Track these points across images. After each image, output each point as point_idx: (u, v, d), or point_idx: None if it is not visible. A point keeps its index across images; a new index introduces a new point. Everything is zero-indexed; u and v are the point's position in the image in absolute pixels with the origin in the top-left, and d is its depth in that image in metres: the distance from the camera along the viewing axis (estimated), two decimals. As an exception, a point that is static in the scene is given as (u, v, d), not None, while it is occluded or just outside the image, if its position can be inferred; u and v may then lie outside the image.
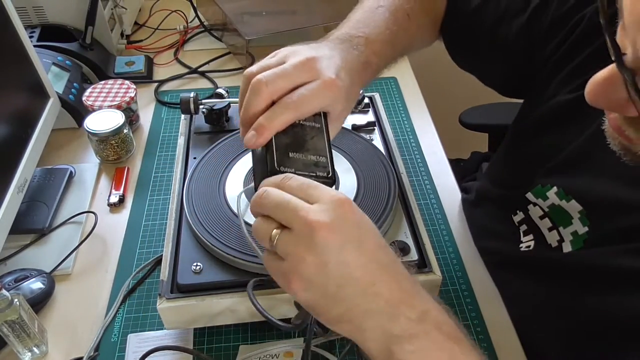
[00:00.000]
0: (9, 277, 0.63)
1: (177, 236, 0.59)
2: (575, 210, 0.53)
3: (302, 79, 0.46)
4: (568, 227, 0.54)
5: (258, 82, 0.45)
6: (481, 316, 0.61)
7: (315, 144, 0.47)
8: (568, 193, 0.54)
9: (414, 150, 0.84)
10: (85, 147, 0.85)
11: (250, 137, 0.45)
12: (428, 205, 0.75)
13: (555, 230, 0.55)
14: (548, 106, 0.58)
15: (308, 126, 0.47)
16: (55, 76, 0.86)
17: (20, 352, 0.56)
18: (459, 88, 1.36)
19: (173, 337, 0.59)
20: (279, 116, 0.45)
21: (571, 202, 0.54)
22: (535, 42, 0.60)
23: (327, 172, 0.46)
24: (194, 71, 1.02)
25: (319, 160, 0.46)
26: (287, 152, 0.45)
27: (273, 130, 0.45)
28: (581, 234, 0.52)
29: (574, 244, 0.53)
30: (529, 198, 0.59)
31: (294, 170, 0.44)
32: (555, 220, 0.56)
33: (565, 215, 0.54)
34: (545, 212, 0.57)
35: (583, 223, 0.52)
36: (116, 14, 1.05)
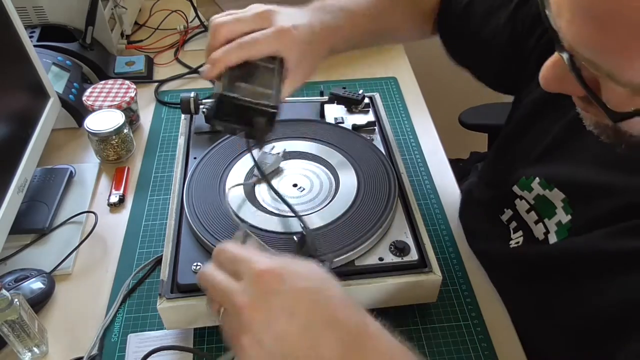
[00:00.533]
0: (9, 277, 0.63)
1: (177, 236, 0.59)
2: (558, 199, 0.54)
3: (258, 25, 0.52)
4: (552, 217, 0.54)
5: (218, 23, 0.52)
6: (481, 316, 0.61)
7: (266, 79, 0.50)
8: (550, 182, 0.55)
9: (414, 150, 0.85)
10: (86, 147, 0.85)
11: (205, 68, 0.51)
12: (428, 205, 0.75)
13: (541, 223, 0.56)
14: (531, 100, 0.60)
15: (262, 66, 0.51)
16: (56, 76, 0.86)
17: (20, 352, 0.56)
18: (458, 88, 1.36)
19: (173, 337, 0.59)
20: (231, 52, 0.50)
21: (554, 191, 0.54)
22: (519, 38, 0.61)
23: (270, 101, 0.49)
24: (194, 71, 1.02)
25: (265, 92, 0.49)
26: (236, 81, 0.49)
27: (223, 63, 0.50)
28: (565, 223, 0.53)
29: (558, 234, 0.53)
30: (515, 191, 0.60)
31: (238, 96, 0.48)
32: (541, 212, 0.56)
33: (549, 206, 0.55)
34: (531, 204, 0.58)
35: (566, 212, 0.53)
36: (116, 14, 1.05)
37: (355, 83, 0.99)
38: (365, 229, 0.57)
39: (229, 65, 0.50)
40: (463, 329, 0.60)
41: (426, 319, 0.61)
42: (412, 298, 0.59)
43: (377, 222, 0.58)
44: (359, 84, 0.99)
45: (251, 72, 0.50)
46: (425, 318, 0.61)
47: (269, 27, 0.52)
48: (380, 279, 0.55)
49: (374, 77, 1.01)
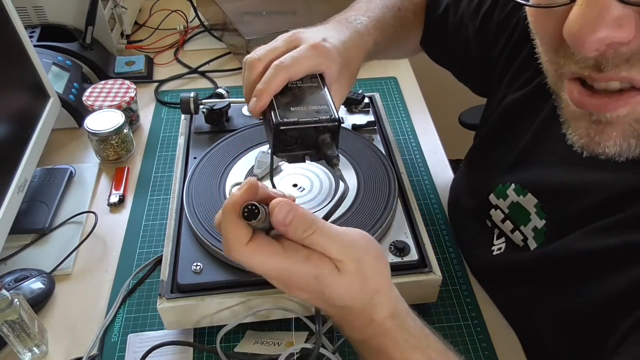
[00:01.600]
0: (9, 277, 0.63)
1: (177, 236, 0.59)
2: (531, 205, 0.54)
3: (290, 48, 0.51)
4: (528, 224, 0.54)
5: (251, 58, 0.51)
6: (481, 316, 0.61)
7: (315, 97, 0.49)
8: (524, 187, 0.55)
9: (414, 150, 0.85)
10: (86, 147, 0.85)
11: (252, 103, 0.49)
12: (428, 205, 0.75)
13: (518, 231, 0.56)
14: (501, 107, 0.61)
15: (306, 87, 0.51)
16: (56, 76, 0.86)
17: (20, 352, 0.56)
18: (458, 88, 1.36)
19: (173, 337, 0.59)
20: (273, 77, 0.48)
21: (527, 197, 0.54)
22: (488, 45, 0.63)
23: (329, 115, 0.47)
24: (194, 71, 1.02)
25: (320, 108, 0.48)
26: (289, 107, 0.48)
27: (270, 91, 0.48)
28: (540, 228, 0.53)
29: (536, 239, 0.54)
30: (491, 201, 0.60)
31: (297, 119, 0.46)
32: (515, 220, 0.57)
33: (523, 213, 0.55)
34: (506, 213, 0.58)
35: (540, 217, 0.53)
36: (116, 13, 1.05)
37: (355, 83, 0.99)
38: (365, 229, 0.57)
39: (275, 91, 0.48)
40: (463, 329, 0.60)
41: (426, 319, 0.60)
42: (412, 298, 0.58)
43: (377, 222, 0.58)
44: (358, 84, 0.99)
45: (297, 95, 0.49)
46: (425, 318, 0.60)
47: (299, 46, 0.52)
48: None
49: (374, 76, 1.01)
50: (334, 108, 0.48)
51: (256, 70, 0.50)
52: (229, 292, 0.54)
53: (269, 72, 0.49)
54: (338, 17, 0.62)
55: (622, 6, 0.31)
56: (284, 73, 0.49)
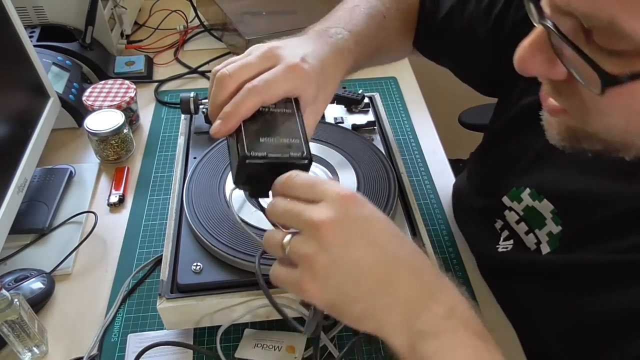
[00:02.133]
0: (9, 277, 0.63)
1: (177, 236, 0.59)
2: (547, 210, 0.53)
3: (265, 66, 0.46)
4: (543, 228, 0.54)
5: (221, 74, 0.46)
6: (481, 316, 0.61)
7: (287, 127, 0.45)
8: (540, 193, 0.54)
9: (414, 150, 0.85)
10: (85, 147, 0.85)
11: (216, 125, 0.44)
12: (428, 205, 0.75)
13: (532, 234, 0.56)
14: (514, 110, 0.59)
15: (278, 112, 0.46)
16: (55, 76, 0.86)
17: (20, 352, 0.56)
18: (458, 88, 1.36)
19: (173, 337, 0.59)
20: (244, 101, 0.44)
21: (543, 202, 0.54)
22: (501, 47, 0.61)
23: (301, 152, 0.44)
24: (194, 71, 1.02)
25: (291, 142, 0.44)
26: (258, 137, 0.44)
27: (238, 116, 0.44)
28: (556, 233, 0.52)
29: (550, 244, 0.53)
30: (505, 202, 0.59)
31: (265, 154, 0.43)
32: (531, 223, 0.56)
33: (539, 217, 0.54)
34: (521, 215, 0.57)
35: (556, 222, 0.52)
36: (116, 13, 1.05)
37: (355, 83, 0.99)
38: (365, 229, 0.57)
39: (244, 117, 0.44)
40: (463, 329, 0.60)
41: (426, 319, 0.61)
42: (412, 298, 0.59)
43: (377, 222, 0.58)
44: (358, 84, 0.99)
45: (269, 123, 0.45)
46: (425, 318, 0.61)
47: (275, 65, 0.47)
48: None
49: (374, 77, 1.01)
50: (306, 143, 0.45)
51: (226, 89, 0.45)
52: (229, 292, 0.53)
53: (241, 95, 0.44)
54: (319, 26, 0.57)
55: None
56: (256, 97, 0.44)
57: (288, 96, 0.47)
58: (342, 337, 0.58)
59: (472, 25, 0.64)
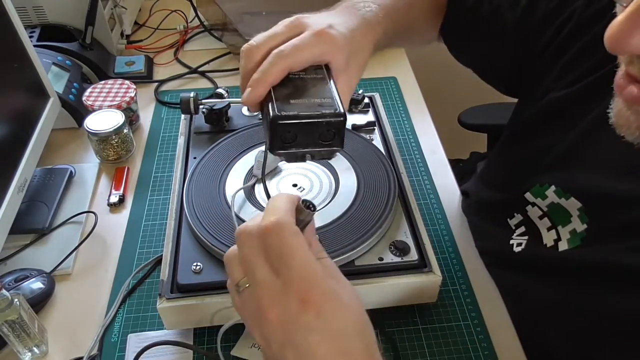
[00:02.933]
0: (9, 277, 0.63)
1: (177, 236, 0.59)
2: (574, 208, 0.53)
3: (292, 34, 0.46)
4: (567, 225, 0.53)
5: (249, 45, 0.46)
6: (481, 316, 0.61)
7: (319, 89, 0.44)
8: (567, 191, 0.54)
9: (414, 150, 0.85)
10: (85, 147, 0.85)
11: (246, 94, 0.44)
12: (428, 205, 0.75)
13: (554, 230, 0.55)
14: (542, 104, 0.58)
15: (309, 78, 0.45)
16: (55, 76, 0.86)
17: (20, 352, 0.56)
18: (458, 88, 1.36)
19: (174, 337, 0.59)
20: (271, 67, 0.43)
21: (570, 200, 0.53)
22: (530, 37, 0.59)
23: (334, 109, 0.42)
24: (194, 71, 1.02)
25: (324, 101, 0.43)
26: (288, 100, 0.43)
27: (267, 82, 0.43)
28: (579, 231, 0.52)
29: (570, 242, 0.53)
30: (527, 198, 0.59)
31: (297, 113, 0.41)
32: (555, 219, 0.55)
33: (564, 214, 0.54)
34: (545, 211, 0.57)
35: (582, 220, 0.52)
36: (116, 13, 1.05)
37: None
38: (365, 229, 0.57)
39: (272, 82, 0.44)
40: (463, 329, 0.60)
41: (426, 319, 0.61)
42: (412, 298, 0.59)
43: (377, 222, 0.58)
44: (359, 84, 0.98)
45: (299, 87, 0.44)
46: (425, 318, 0.61)
47: (302, 32, 0.46)
48: (380, 279, 0.55)
49: (374, 77, 1.01)
50: (340, 101, 0.43)
51: (253, 58, 0.45)
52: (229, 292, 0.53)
53: (267, 61, 0.44)
54: (345, 3, 0.56)
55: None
56: (284, 62, 0.44)
57: (317, 62, 0.47)
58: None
59: (501, 12, 0.62)
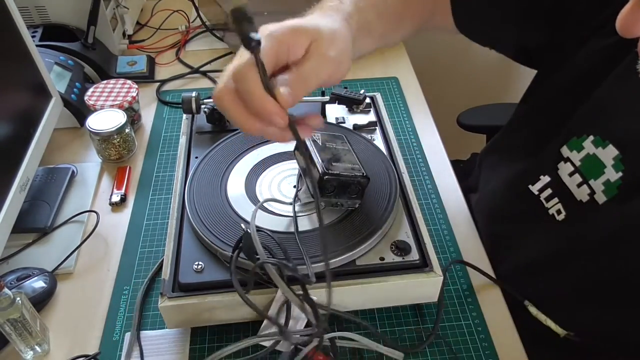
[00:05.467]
0: (11, 276, 0.63)
1: (178, 235, 0.59)
2: (610, 157, 0.53)
3: None
4: (599, 177, 0.54)
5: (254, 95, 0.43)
6: (482, 316, 0.61)
7: (349, 157, 0.61)
8: (605, 139, 0.54)
9: (415, 149, 0.85)
10: (87, 146, 0.85)
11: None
12: (429, 205, 0.75)
13: (585, 185, 0.55)
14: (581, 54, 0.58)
15: (340, 148, 0.62)
16: (58, 76, 0.87)
17: (22, 351, 0.56)
18: (460, 88, 1.36)
19: (173, 336, 0.59)
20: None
21: (607, 148, 0.53)
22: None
23: (362, 173, 0.58)
24: (196, 71, 1.02)
25: (354, 166, 0.59)
26: (330, 162, 0.58)
27: None
28: (614, 181, 0.52)
29: (606, 193, 0.53)
30: (562, 153, 0.58)
31: (339, 172, 0.57)
32: (586, 173, 0.55)
33: (597, 165, 0.54)
34: (577, 166, 0.57)
35: (617, 169, 0.52)
36: (118, 13, 1.05)
37: (357, 83, 0.99)
38: (366, 229, 0.57)
39: None
40: (464, 329, 0.60)
41: (427, 319, 0.61)
42: (413, 298, 0.59)
43: (378, 222, 0.58)
44: (360, 84, 0.99)
45: (335, 154, 0.60)
46: (426, 318, 0.61)
47: None
48: (381, 279, 0.55)
49: (375, 77, 1.01)
50: (363, 167, 0.59)
51: None
52: (230, 291, 0.54)
53: None
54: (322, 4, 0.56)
55: None
56: None
57: None
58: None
59: None
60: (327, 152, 0.60)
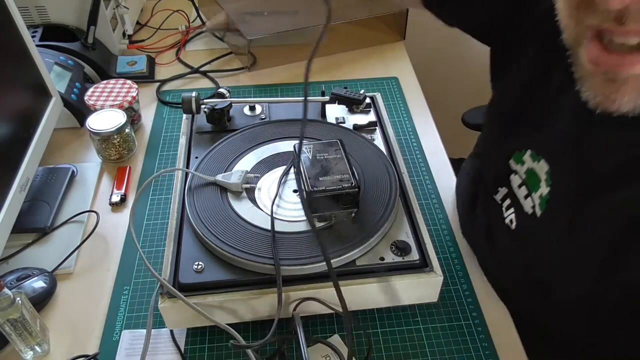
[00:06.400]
0: (11, 276, 0.63)
1: (178, 235, 0.59)
2: (543, 172, 0.54)
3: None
4: (537, 191, 0.54)
5: None
6: (482, 316, 0.61)
7: (339, 167, 0.60)
8: (539, 154, 0.54)
9: (415, 150, 0.85)
10: (87, 146, 0.85)
11: None
12: (429, 205, 0.75)
13: (530, 197, 0.56)
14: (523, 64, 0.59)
15: (331, 158, 0.61)
16: (58, 76, 0.87)
17: (22, 351, 0.56)
18: (460, 88, 1.36)
19: (169, 336, 0.59)
20: None
21: (541, 162, 0.54)
22: None
23: (351, 183, 0.57)
24: (196, 71, 1.02)
25: (343, 177, 0.58)
26: (317, 177, 0.58)
27: None
28: (544, 195, 0.53)
29: (541, 206, 0.53)
30: (511, 166, 0.59)
31: (324, 188, 0.57)
32: (530, 185, 0.56)
33: (536, 179, 0.55)
34: (523, 179, 0.57)
35: (547, 184, 0.53)
36: (118, 13, 1.05)
37: (357, 83, 0.99)
38: (366, 229, 0.57)
39: None
40: (464, 329, 0.60)
41: (427, 319, 0.61)
42: (413, 298, 0.59)
43: (378, 222, 0.58)
44: (360, 84, 0.99)
45: (325, 166, 0.59)
46: (426, 318, 0.61)
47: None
48: (381, 279, 0.55)
49: (375, 77, 1.01)
50: (354, 176, 0.58)
51: None
52: (230, 292, 0.54)
53: None
54: None
55: None
56: None
57: None
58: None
59: None
60: (316, 165, 0.60)
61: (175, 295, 0.52)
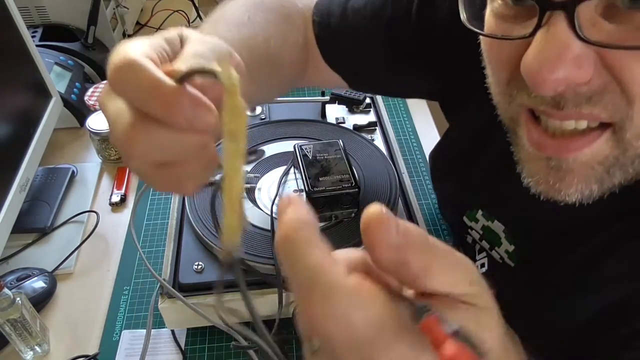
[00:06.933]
0: (11, 276, 0.63)
1: (178, 235, 0.59)
2: (500, 230, 0.52)
3: None
4: (501, 246, 0.53)
5: None
6: (482, 316, 0.61)
7: (339, 167, 0.60)
8: (491, 214, 0.53)
9: (415, 150, 0.85)
10: (87, 146, 0.85)
11: None
12: (429, 205, 0.75)
13: (495, 250, 0.54)
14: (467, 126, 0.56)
15: (331, 158, 0.61)
16: (58, 76, 0.87)
17: (22, 351, 0.56)
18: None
19: (171, 336, 0.59)
20: None
21: (495, 223, 0.53)
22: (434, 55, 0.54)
23: (350, 183, 0.58)
24: (196, 71, 1.02)
25: (343, 177, 0.58)
26: (317, 178, 0.58)
27: None
28: (511, 251, 0.51)
29: (512, 260, 0.52)
30: (465, 222, 0.58)
31: (324, 188, 0.57)
32: (490, 241, 0.55)
33: (495, 236, 0.53)
34: (481, 234, 0.56)
35: (509, 242, 0.51)
36: (118, 13, 1.05)
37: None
38: (366, 229, 0.57)
39: None
40: (464, 329, 0.60)
41: (427, 319, 0.61)
42: (413, 298, 0.59)
43: (378, 222, 0.58)
44: (360, 84, 0.99)
45: (325, 167, 0.59)
46: (426, 318, 0.61)
47: None
48: (381, 279, 0.55)
49: (376, 77, 1.01)
50: (354, 176, 0.58)
51: None
52: (230, 292, 0.54)
53: None
54: None
55: (581, 45, 0.28)
56: None
57: None
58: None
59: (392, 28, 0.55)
60: (316, 166, 0.60)
61: (175, 296, 0.52)
